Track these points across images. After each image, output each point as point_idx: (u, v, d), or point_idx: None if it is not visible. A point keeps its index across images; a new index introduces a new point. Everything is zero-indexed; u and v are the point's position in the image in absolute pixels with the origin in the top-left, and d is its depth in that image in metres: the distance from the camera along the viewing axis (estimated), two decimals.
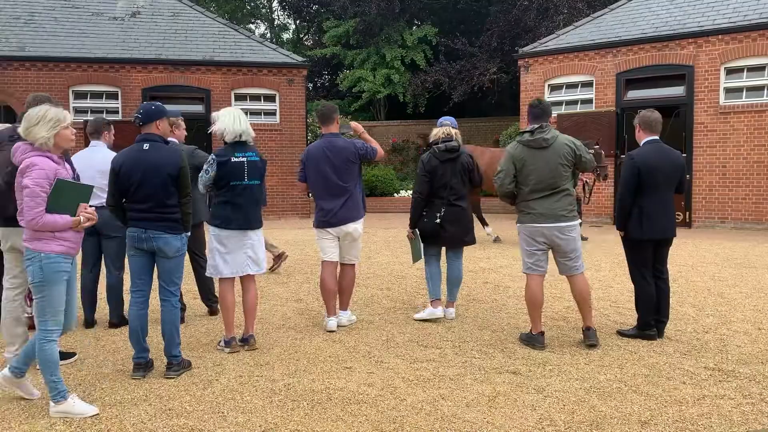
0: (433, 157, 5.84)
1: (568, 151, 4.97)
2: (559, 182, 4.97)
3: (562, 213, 4.97)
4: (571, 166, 5.02)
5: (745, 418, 3.64)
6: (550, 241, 5.02)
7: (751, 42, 12.91)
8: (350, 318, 5.82)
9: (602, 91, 14.68)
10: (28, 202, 3.60)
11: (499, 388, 4.14)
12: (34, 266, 3.67)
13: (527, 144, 5.04)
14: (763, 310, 6.10)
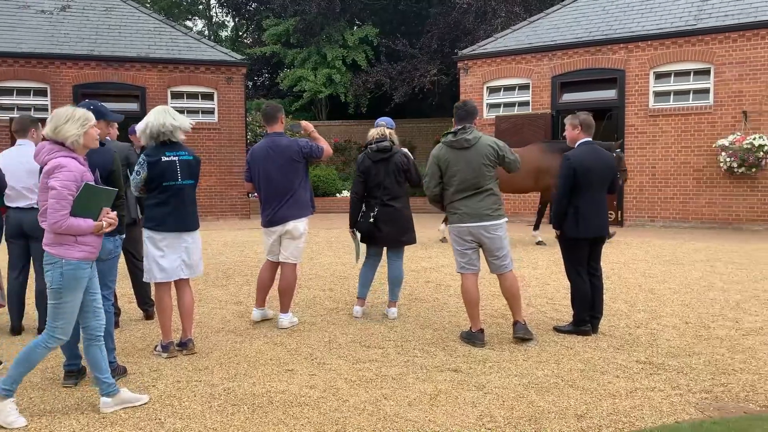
0: (366, 158, 5.91)
1: (490, 151, 5.05)
2: (483, 182, 5.04)
3: (487, 212, 5.04)
4: (494, 166, 5.11)
5: (674, 408, 3.80)
6: (478, 240, 5.11)
7: (678, 48, 13.51)
8: (291, 320, 5.77)
9: (538, 93, 15.06)
10: (54, 205, 3.53)
11: (440, 386, 4.18)
12: (55, 272, 3.61)
13: (450, 145, 5.13)
14: (690, 305, 6.38)
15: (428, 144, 21.67)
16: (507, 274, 5.18)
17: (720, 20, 13.19)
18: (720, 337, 5.27)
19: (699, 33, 13.24)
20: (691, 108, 13.41)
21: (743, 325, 5.60)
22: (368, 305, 6.42)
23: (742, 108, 12.83)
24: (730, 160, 12.53)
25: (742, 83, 12.88)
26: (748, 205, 12.90)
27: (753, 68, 12.77)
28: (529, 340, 5.09)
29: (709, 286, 7.30)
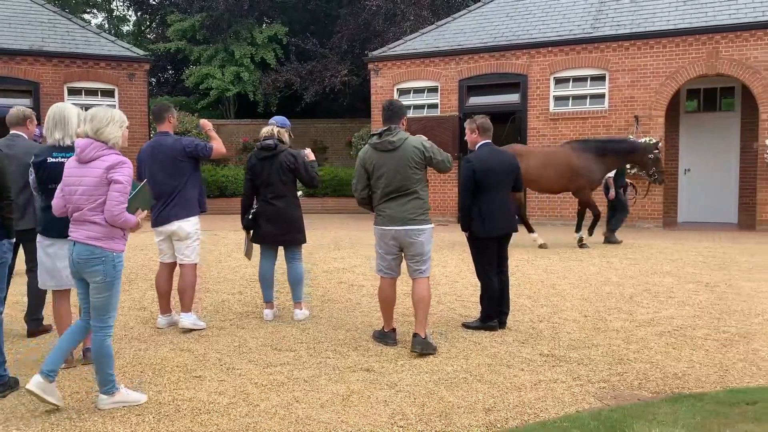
0: (252, 156, 5.92)
1: (416, 153, 4.90)
2: (408, 185, 4.91)
3: (411, 216, 4.91)
4: (421, 169, 4.96)
5: (575, 399, 3.99)
6: (401, 243, 4.99)
7: (576, 55, 14.20)
8: (195, 322, 5.61)
9: (447, 96, 15.40)
10: (118, 197, 3.75)
11: (353, 387, 4.19)
12: (107, 265, 3.79)
13: (375, 146, 5.01)
14: (588, 299, 6.73)
15: (340, 144, 21.68)
16: (421, 280, 5.01)
17: (614, 29, 13.98)
18: (616, 329, 5.59)
19: (595, 41, 13.98)
20: (588, 112, 14.13)
21: (636, 317, 5.96)
22: (280, 308, 6.34)
23: (634, 112, 13.66)
24: None
25: (634, 89, 13.71)
26: (639, 204, 13.74)
27: (643, 75, 13.63)
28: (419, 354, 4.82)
29: (605, 280, 7.71)
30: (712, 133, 14.49)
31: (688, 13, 13.65)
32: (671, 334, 5.38)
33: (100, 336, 3.85)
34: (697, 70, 13.21)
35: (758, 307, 6.28)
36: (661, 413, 3.62)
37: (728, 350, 4.93)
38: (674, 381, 4.28)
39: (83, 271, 3.81)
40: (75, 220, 3.83)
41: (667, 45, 13.42)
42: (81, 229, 3.80)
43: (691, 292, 6.99)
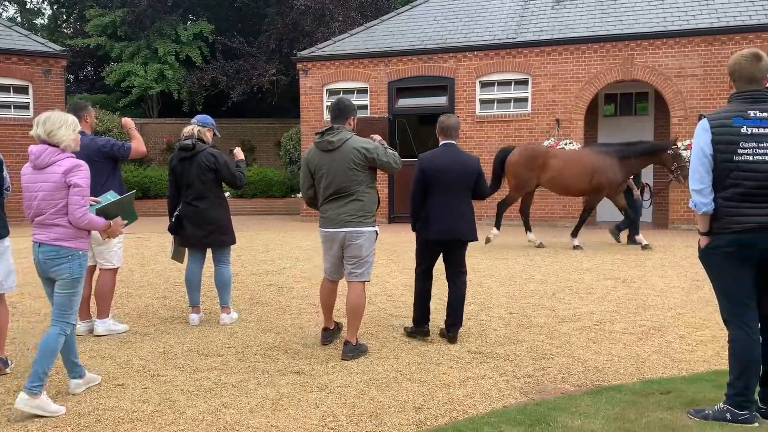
0: (174, 157, 5.80)
1: (357, 155, 4.75)
2: (348, 186, 4.78)
3: (348, 218, 4.79)
4: (363, 170, 4.80)
5: (501, 394, 4.09)
6: (341, 245, 4.89)
7: (500, 59, 14.57)
8: (110, 328, 5.42)
9: (376, 98, 15.48)
10: (79, 201, 3.84)
11: (283, 390, 4.15)
12: (73, 263, 3.90)
13: (316, 146, 4.90)
14: (514, 296, 6.92)
15: (268, 144, 21.41)
16: (356, 285, 4.88)
17: (537, 35, 14.44)
18: (540, 325, 5.77)
19: (518, 46, 14.39)
20: (512, 115, 14.53)
21: (559, 313, 6.17)
22: (206, 312, 6.20)
23: (556, 116, 14.15)
24: None
25: (556, 93, 14.20)
26: (560, 204, 14.25)
27: (563, 80, 14.14)
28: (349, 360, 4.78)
29: (529, 278, 7.95)
30: (628, 136, 15.15)
31: (606, 21, 14.26)
32: (591, 329, 5.60)
33: (58, 330, 3.90)
34: (614, 75, 13.82)
35: (671, 301, 6.63)
36: (583, 405, 3.77)
37: (644, 343, 5.18)
38: (595, 374, 4.46)
39: (49, 270, 3.90)
40: (39, 224, 3.91)
41: (586, 51, 13.97)
42: (46, 232, 3.89)
43: (610, 288, 7.30)
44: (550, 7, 15.21)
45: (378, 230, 5.01)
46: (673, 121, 13.53)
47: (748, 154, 3.33)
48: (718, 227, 3.44)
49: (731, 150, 3.35)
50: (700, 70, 13.27)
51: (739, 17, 13.20)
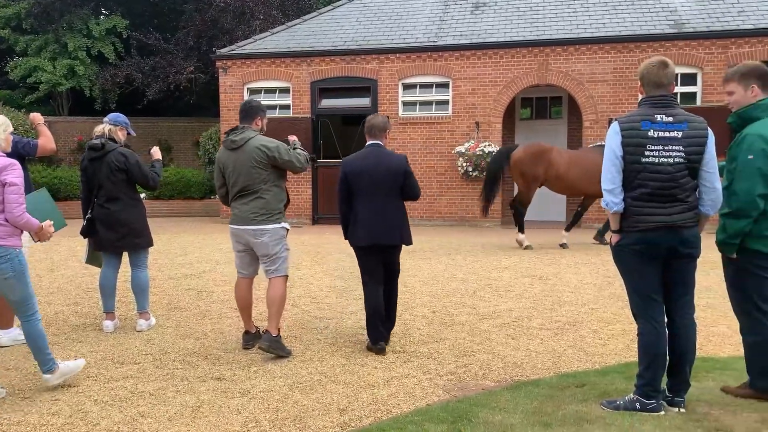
0: (84, 157, 5.61)
1: (259, 153, 4.83)
2: (251, 185, 4.86)
3: (251, 216, 4.85)
4: (266, 169, 4.87)
5: (425, 392, 4.14)
6: (247, 243, 4.98)
7: (422, 62, 14.77)
8: (18, 338, 5.13)
9: (298, 98, 15.35)
10: (16, 199, 3.91)
11: (203, 397, 4.03)
12: (14, 262, 3.98)
13: (224, 145, 5.05)
14: (437, 295, 7.02)
15: (186, 144, 20.81)
16: (274, 280, 4.97)
17: (456, 39, 14.73)
18: (461, 323, 5.88)
19: (439, 50, 14.64)
20: (434, 117, 14.77)
21: (480, 311, 6.32)
22: (122, 318, 5.95)
23: (475, 119, 14.49)
24: (466, 165, 14.07)
25: (475, 96, 14.54)
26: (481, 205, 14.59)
27: (482, 84, 14.49)
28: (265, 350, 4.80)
29: (451, 277, 8.10)
30: (544, 139, 15.70)
31: (522, 27, 14.73)
32: (510, 326, 5.76)
33: (30, 323, 4.08)
34: (530, 80, 14.28)
35: (584, 297, 6.92)
36: (503, 400, 3.87)
37: (560, 338, 5.38)
38: (514, 369, 4.59)
39: None
40: None
41: (503, 56, 14.38)
42: None
43: (527, 286, 7.54)
44: (470, 12, 15.56)
45: (288, 227, 5.03)
46: (585, 124, 14.12)
47: (654, 156, 3.52)
48: (627, 226, 3.62)
49: (639, 152, 3.53)
50: (610, 75, 13.93)
51: (645, 27, 13.95)
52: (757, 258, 3.64)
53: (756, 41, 13.20)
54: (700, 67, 13.48)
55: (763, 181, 3.53)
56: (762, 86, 3.68)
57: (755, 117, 3.65)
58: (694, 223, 3.59)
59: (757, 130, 3.58)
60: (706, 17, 13.86)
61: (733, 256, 3.73)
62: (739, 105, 3.73)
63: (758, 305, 3.67)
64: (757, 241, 3.61)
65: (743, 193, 3.56)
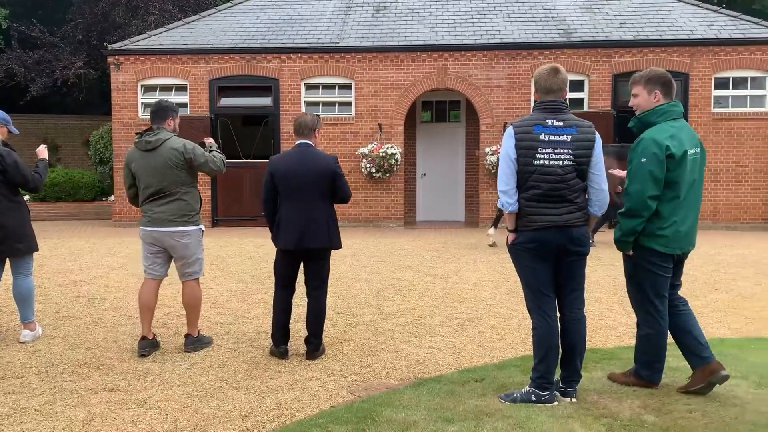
0: None
1: (175, 155, 4.82)
2: (168, 187, 4.84)
3: (170, 218, 4.85)
4: (182, 170, 4.86)
5: (329, 394, 4.13)
6: (163, 245, 4.94)
7: (324, 63, 14.73)
8: None
9: (196, 96, 14.89)
10: None
11: (95, 410, 3.82)
12: None
13: (136, 145, 4.95)
14: (341, 296, 7.02)
15: (75, 143, 19.68)
16: (189, 283, 5.02)
17: (358, 41, 14.81)
18: (366, 323, 5.92)
19: (341, 51, 14.66)
20: (337, 119, 14.77)
21: (384, 310, 6.38)
22: (3, 329, 5.54)
23: (378, 121, 14.63)
24: (370, 167, 14.19)
25: (377, 99, 14.68)
26: (384, 206, 14.76)
27: (385, 86, 14.66)
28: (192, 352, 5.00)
29: (356, 278, 8.13)
30: (443, 142, 16.15)
31: (422, 32, 15.03)
32: (413, 324, 5.86)
33: None
34: (430, 84, 14.60)
35: (483, 294, 7.15)
36: (406, 398, 3.93)
37: (460, 335, 5.53)
38: (417, 367, 4.67)
39: None
40: None
41: (404, 59, 14.61)
42: None
43: (429, 284, 7.70)
44: (371, 15, 15.70)
45: (203, 228, 5.11)
46: (482, 128, 14.61)
47: (545, 158, 3.69)
48: (521, 225, 3.79)
49: (531, 155, 3.70)
50: (505, 81, 14.49)
51: (537, 35, 14.63)
52: (651, 255, 3.85)
53: (636, 51, 14.18)
54: (587, 74, 14.30)
55: (654, 184, 3.74)
56: (665, 93, 3.91)
57: (652, 122, 3.88)
58: (583, 222, 3.80)
59: (652, 134, 3.80)
60: (592, 28, 14.73)
61: (629, 253, 3.94)
62: (642, 109, 3.96)
63: (652, 300, 3.91)
64: (651, 240, 3.83)
65: (635, 194, 3.78)
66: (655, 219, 3.81)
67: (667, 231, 3.80)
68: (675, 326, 4.00)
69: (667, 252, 3.84)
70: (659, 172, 3.73)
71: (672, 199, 3.79)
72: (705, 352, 3.89)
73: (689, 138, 3.84)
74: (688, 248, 3.96)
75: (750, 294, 7.08)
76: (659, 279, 3.89)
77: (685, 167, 3.78)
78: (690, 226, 3.89)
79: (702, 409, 3.65)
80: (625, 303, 6.64)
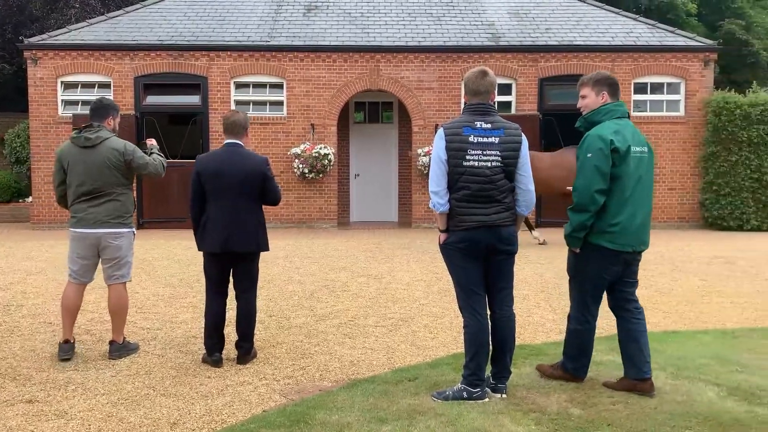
0: None
1: (115, 155, 4.74)
2: (104, 187, 4.74)
3: (107, 219, 4.75)
4: (120, 171, 4.78)
5: (261, 399, 4.06)
6: (96, 247, 4.81)
7: (255, 61, 14.51)
8: None
9: (121, 93, 14.37)
10: None
11: (11, 423, 3.62)
12: None
13: (72, 141, 4.80)
14: (273, 299, 6.93)
15: None
16: (116, 287, 4.89)
17: (290, 40, 14.67)
18: (299, 325, 5.86)
19: (272, 49, 14.48)
20: (268, 118, 14.58)
21: (317, 312, 6.34)
22: None
23: (310, 120, 14.53)
24: (302, 167, 14.08)
25: (310, 98, 14.58)
26: (317, 207, 14.68)
27: (317, 86, 14.58)
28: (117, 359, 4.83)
29: (288, 279, 8.05)
30: (376, 142, 16.21)
31: (354, 33, 15.03)
32: (347, 325, 5.85)
33: None
34: (363, 84, 14.63)
35: (416, 293, 7.22)
36: (340, 400, 3.91)
37: (394, 334, 5.56)
38: (351, 368, 4.66)
39: None
40: None
41: (337, 60, 14.58)
42: None
43: (363, 285, 7.71)
44: (302, 14, 15.58)
45: (135, 231, 5.02)
46: (414, 129, 14.75)
47: (474, 159, 3.76)
48: (452, 225, 3.85)
49: (461, 156, 3.76)
50: (436, 83, 14.68)
51: (467, 38, 14.89)
52: (598, 252, 3.92)
53: (561, 56, 14.66)
54: (515, 78, 14.68)
55: (600, 178, 3.83)
56: (611, 93, 4.04)
57: (597, 120, 4.01)
58: (511, 222, 3.89)
59: (597, 131, 3.92)
60: (519, 32, 15.12)
61: (576, 249, 4.01)
62: (589, 109, 4.08)
63: (589, 299, 4.02)
64: (599, 237, 3.91)
65: (582, 188, 3.87)
66: (602, 215, 3.87)
67: (616, 227, 3.86)
68: (625, 333, 4.02)
69: (615, 249, 3.88)
70: (605, 166, 3.82)
71: (618, 195, 3.86)
72: (645, 367, 3.93)
73: (633, 136, 3.95)
74: (640, 247, 3.98)
75: (667, 290, 7.45)
76: (601, 278, 3.96)
77: (629, 163, 3.87)
78: (639, 224, 3.92)
79: (624, 401, 3.81)
80: (551, 300, 6.86)
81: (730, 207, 14.23)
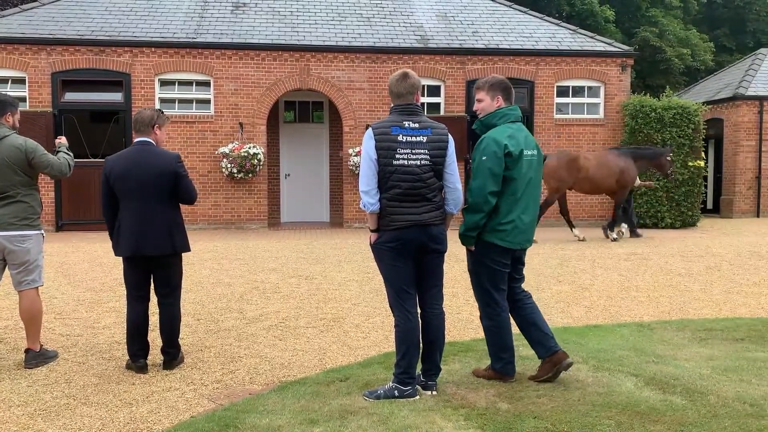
0: None
1: (16, 153, 4.55)
2: (7, 187, 4.55)
3: (12, 221, 4.55)
4: (22, 170, 4.59)
5: (189, 404, 3.96)
6: (2, 251, 4.58)
7: (180, 58, 14.14)
8: None
9: (37, 90, 13.71)
10: None
11: None
12: None
13: None
14: (201, 302, 6.77)
15: None
16: (27, 293, 4.67)
17: (217, 37, 14.37)
18: (228, 328, 5.75)
19: (198, 47, 14.16)
20: (195, 116, 14.24)
21: (246, 315, 6.24)
22: None
23: (239, 119, 14.29)
24: (231, 167, 13.82)
25: (238, 97, 14.33)
26: (247, 207, 14.45)
27: (246, 84, 14.35)
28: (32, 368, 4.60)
29: (217, 282, 7.88)
30: (307, 142, 16.11)
31: (284, 31, 14.89)
32: (278, 327, 5.79)
33: None
34: (293, 83, 14.51)
35: (348, 293, 7.22)
36: (271, 403, 3.86)
37: (325, 335, 5.54)
38: (281, 370, 4.61)
39: None
40: None
41: (266, 58, 14.39)
42: None
43: (294, 286, 7.64)
44: (230, 12, 15.30)
45: (44, 233, 4.81)
46: (345, 129, 14.75)
47: (403, 158, 3.81)
48: (384, 225, 3.87)
49: (391, 155, 3.80)
50: (366, 84, 14.73)
51: (396, 40, 15.02)
52: (491, 250, 4.09)
53: (487, 59, 15.00)
54: (443, 80, 14.91)
55: (493, 180, 3.98)
56: (505, 98, 4.18)
57: (493, 124, 4.13)
58: (441, 221, 3.96)
59: (492, 135, 4.05)
60: (447, 35, 15.38)
61: (471, 247, 4.15)
62: (485, 112, 4.20)
63: (491, 293, 4.16)
64: (491, 235, 4.07)
65: (476, 189, 4.01)
66: (494, 215, 4.04)
67: (507, 226, 4.04)
68: (521, 319, 4.24)
69: (506, 246, 4.07)
70: (498, 168, 3.96)
71: (510, 196, 4.03)
72: (550, 341, 4.16)
73: (526, 139, 4.13)
74: (526, 244, 4.20)
75: (588, 285, 7.75)
76: (498, 273, 4.13)
77: (521, 166, 4.04)
78: (528, 223, 4.13)
79: (549, 394, 3.94)
80: None
81: (646, 206, 14.95)
